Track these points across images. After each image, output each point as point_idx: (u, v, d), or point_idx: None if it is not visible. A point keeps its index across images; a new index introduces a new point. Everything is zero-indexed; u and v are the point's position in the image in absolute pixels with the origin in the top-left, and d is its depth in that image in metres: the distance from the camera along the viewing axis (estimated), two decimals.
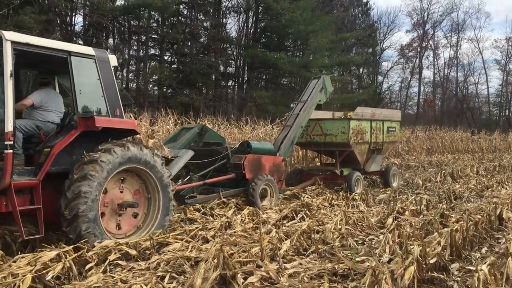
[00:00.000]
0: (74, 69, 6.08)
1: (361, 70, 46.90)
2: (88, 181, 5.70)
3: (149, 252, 5.85)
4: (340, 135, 11.55)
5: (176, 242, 6.22)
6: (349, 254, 5.74)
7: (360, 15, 50.36)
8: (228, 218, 7.53)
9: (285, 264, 5.32)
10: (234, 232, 6.69)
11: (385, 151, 13.52)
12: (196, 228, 6.87)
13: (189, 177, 8.74)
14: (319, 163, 13.86)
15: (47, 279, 4.70)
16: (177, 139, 9.82)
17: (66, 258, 4.99)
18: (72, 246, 5.39)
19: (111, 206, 6.23)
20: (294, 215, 8.27)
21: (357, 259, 5.38)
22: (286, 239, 6.24)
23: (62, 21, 24.55)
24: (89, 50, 6.34)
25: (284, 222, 7.83)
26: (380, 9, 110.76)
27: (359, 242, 6.58)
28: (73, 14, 24.57)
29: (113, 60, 6.72)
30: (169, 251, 5.78)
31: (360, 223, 7.44)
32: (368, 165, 12.44)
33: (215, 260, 4.84)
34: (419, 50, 53.19)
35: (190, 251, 5.77)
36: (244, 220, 7.65)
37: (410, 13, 57.88)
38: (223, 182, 9.50)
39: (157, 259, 5.37)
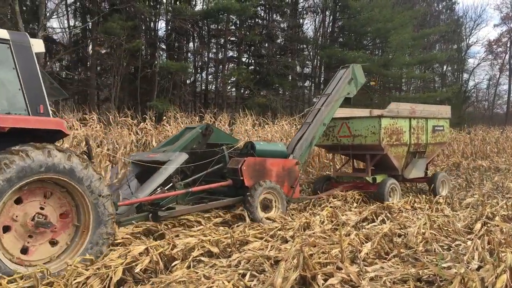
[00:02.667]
0: None
1: (445, 67, 44.66)
2: None
3: (230, 250, 6.01)
4: (370, 136, 9.96)
5: (256, 241, 6.34)
6: (434, 260, 5.51)
7: (444, 10, 48.07)
8: (307, 219, 7.52)
9: (366, 267, 5.22)
10: (313, 233, 6.68)
11: (430, 154, 11.56)
12: (276, 228, 6.94)
13: (171, 184, 7.52)
14: (352, 169, 12.10)
15: (136, 271, 4.98)
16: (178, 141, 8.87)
17: (153, 252, 5.25)
18: (159, 241, 5.67)
19: (23, 221, 4.98)
20: (375, 217, 8.11)
21: (443, 265, 5.15)
22: (366, 242, 6.13)
23: (147, 27, 25.77)
24: (1, 33, 5.18)
25: (364, 224, 7.71)
26: (466, 3, 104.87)
27: (444, 247, 6.29)
28: (157, 20, 25.70)
29: (38, 45, 5.48)
30: (249, 249, 5.91)
31: (445, 228, 7.11)
32: (408, 171, 10.78)
33: (295, 260, 4.86)
34: (509, 45, 49.77)
35: (270, 250, 5.84)
36: (323, 221, 7.60)
37: (499, 7, 54.27)
38: (221, 189, 8.30)
39: (238, 257, 5.50)
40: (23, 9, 20.93)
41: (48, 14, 20.58)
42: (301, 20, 32.54)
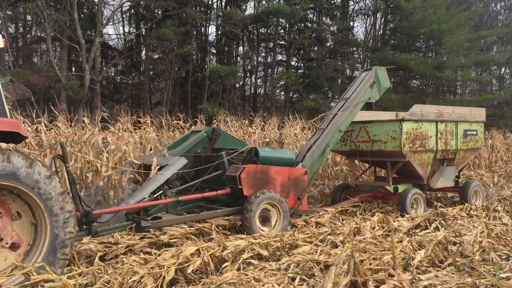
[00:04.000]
0: None
1: (502, 69, 42.82)
2: None
3: (279, 253, 6.02)
4: (391, 141, 9.14)
5: (305, 245, 6.32)
6: (492, 270, 5.29)
7: (503, 11, 46.14)
8: (357, 224, 7.41)
9: (419, 275, 5.07)
10: (364, 239, 6.56)
11: (461, 161, 10.45)
12: (325, 232, 6.88)
13: (161, 191, 7.11)
14: (374, 177, 11.24)
15: (187, 272, 5.08)
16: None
17: (204, 253, 5.34)
18: (210, 243, 5.76)
19: None
20: (428, 224, 7.87)
21: (501, 275, 4.94)
22: (419, 249, 5.96)
23: (198, 32, 26.30)
24: None
25: (417, 231, 7.49)
26: None
27: (503, 257, 6.01)
28: (207, 25, 26.16)
29: None
30: (298, 253, 5.88)
31: (503, 237, 6.80)
32: (435, 180, 9.81)
33: (345, 266, 4.80)
34: None
35: (319, 254, 5.79)
36: (374, 227, 7.46)
37: None
38: (222, 198, 7.76)
39: (287, 261, 5.49)
40: (81, 17, 21.85)
41: (104, 21, 21.41)
42: (351, 23, 32.22)
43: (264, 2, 26.59)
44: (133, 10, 26.25)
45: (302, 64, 30.22)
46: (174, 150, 8.14)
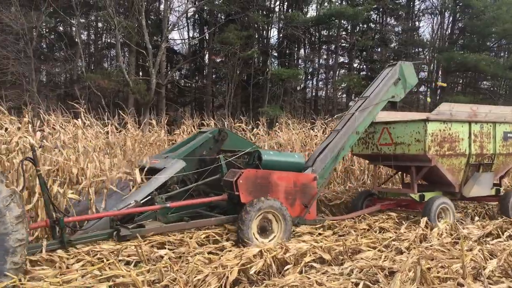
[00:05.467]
0: None
1: None
2: None
3: (342, 257, 5.95)
4: (414, 144, 8.25)
5: (369, 250, 6.21)
6: None
7: None
8: (424, 230, 7.18)
9: (490, 286, 4.85)
10: (431, 246, 6.35)
11: (501, 168, 9.27)
12: (390, 238, 6.72)
13: (149, 197, 6.61)
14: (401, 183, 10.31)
15: (250, 273, 5.14)
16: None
17: (267, 255, 5.38)
18: (273, 245, 5.78)
19: None
20: (500, 232, 7.49)
21: None
22: (491, 259, 5.68)
23: (260, 36, 26.53)
24: None
25: (488, 239, 7.15)
26: None
27: None
28: (269, 28, 26.33)
29: None
30: (362, 258, 5.79)
31: None
32: (468, 188, 8.77)
33: (411, 273, 4.69)
34: None
35: (384, 260, 5.66)
36: (441, 234, 7.19)
37: None
38: (223, 204, 7.26)
39: (350, 266, 5.42)
40: (148, 23, 22.68)
41: (170, 27, 22.10)
42: (417, 23, 31.26)
43: (326, 4, 26.42)
44: (197, 16, 26.92)
45: (364, 66, 29.70)
46: (175, 152, 7.66)
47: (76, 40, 22.03)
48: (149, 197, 6.55)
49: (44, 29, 22.49)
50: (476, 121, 8.70)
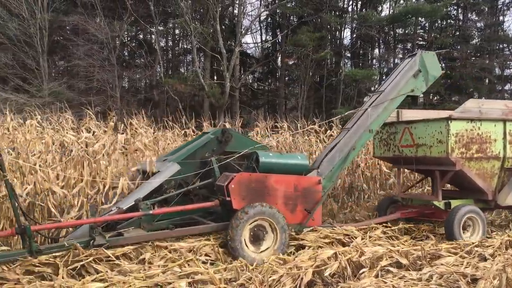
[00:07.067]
0: None
1: None
2: None
3: (420, 262, 5.78)
4: (436, 145, 7.33)
5: (449, 256, 5.97)
6: None
7: None
8: (510, 236, 6.78)
9: None
10: None
11: None
12: (472, 244, 6.42)
13: (133, 203, 6.07)
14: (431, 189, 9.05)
15: (325, 275, 5.12)
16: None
17: (341, 258, 5.34)
18: (348, 247, 5.73)
19: None
20: None
21: None
22: None
23: (332, 37, 26.30)
24: None
25: None
26: None
27: None
28: (342, 29, 26.02)
29: None
30: (441, 264, 5.59)
31: None
32: (503, 195, 7.69)
33: (496, 281, 4.47)
34: None
35: (466, 267, 5.43)
36: None
37: None
38: (215, 210, 6.67)
39: (429, 271, 5.25)
40: (222, 28, 23.24)
41: (243, 31, 22.51)
42: (501, 17, 29.48)
43: (401, 1, 25.65)
44: (269, 19, 27.18)
45: (443, 64, 28.47)
46: (175, 155, 7.25)
47: (155, 47, 23.07)
48: (133, 203, 6.04)
49: (125, 38, 23.77)
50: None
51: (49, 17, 19.54)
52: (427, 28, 27.18)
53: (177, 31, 27.20)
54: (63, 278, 4.94)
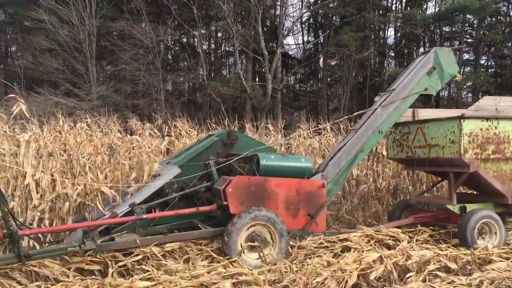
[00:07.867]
0: None
1: None
2: None
3: (469, 267, 5.60)
4: (449, 145, 6.96)
5: (501, 261, 5.74)
6: None
7: None
8: None
9: None
10: None
11: None
12: None
13: (128, 208, 5.86)
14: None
15: (370, 278, 5.05)
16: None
17: (387, 261, 5.25)
18: (394, 251, 5.63)
19: None
20: None
21: None
22: None
23: (376, 36, 25.88)
24: None
25: None
26: None
27: None
28: (386, 28, 25.57)
29: None
30: (493, 269, 5.39)
31: None
32: None
33: None
34: None
35: None
36: None
37: None
38: (215, 214, 6.44)
39: (480, 276, 5.09)
40: (264, 30, 23.34)
41: (285, 33, 22.52)
42: None
43: None
44: (311, 20, 27.06)
45: (493, 63, 27.47)
46: (177, 158, 7.03)
47: (198, 50, 23.43)
48: (129, 208, 5.85)
49: (169, 42, 24.27)
50: None
51: (97, 23, 20.26)
52: (475, 25, 26.28)
53: (219, 34, 27.57)
54: (112, 276, 5.09)
